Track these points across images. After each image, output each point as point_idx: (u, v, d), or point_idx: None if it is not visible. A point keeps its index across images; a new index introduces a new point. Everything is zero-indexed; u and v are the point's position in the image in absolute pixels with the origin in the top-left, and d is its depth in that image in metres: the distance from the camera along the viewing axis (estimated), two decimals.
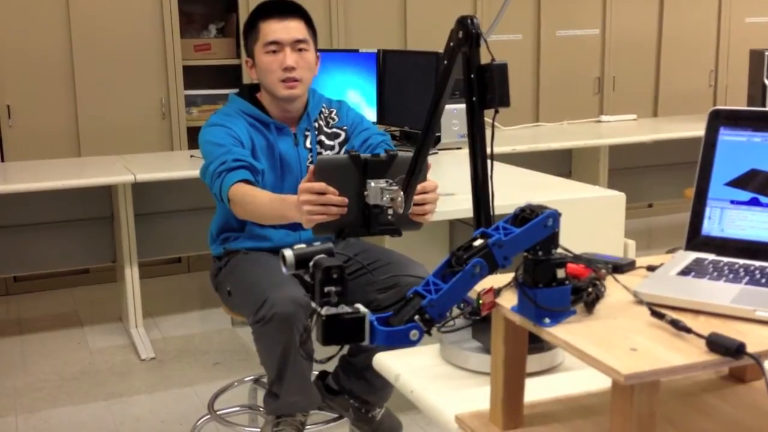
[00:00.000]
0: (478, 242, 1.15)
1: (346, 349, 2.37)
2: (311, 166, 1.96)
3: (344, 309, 1.15)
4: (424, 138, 1.68)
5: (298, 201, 1.94)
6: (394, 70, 3.81)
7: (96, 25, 4.32)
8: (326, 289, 1.16)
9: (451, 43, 1.54)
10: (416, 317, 1.15)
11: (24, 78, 4.23)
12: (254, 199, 2.18)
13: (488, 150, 1.50)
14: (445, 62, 1.57)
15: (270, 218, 2.22)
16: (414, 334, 1.16)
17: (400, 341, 1.16)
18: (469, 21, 1.51)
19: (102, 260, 4.12)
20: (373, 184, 1.86)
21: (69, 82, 4.31)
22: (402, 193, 1.78)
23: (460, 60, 1.54)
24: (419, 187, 1.89)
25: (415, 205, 1.91)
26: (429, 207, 2.01)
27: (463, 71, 1.53)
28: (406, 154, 1.86)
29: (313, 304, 1.17)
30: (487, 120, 1.55)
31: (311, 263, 1.20)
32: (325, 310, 1.14)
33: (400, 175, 1.81)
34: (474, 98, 1.51)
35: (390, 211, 1.86)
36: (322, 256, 1.22)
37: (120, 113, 4.42)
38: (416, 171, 1.73)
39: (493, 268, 1.14)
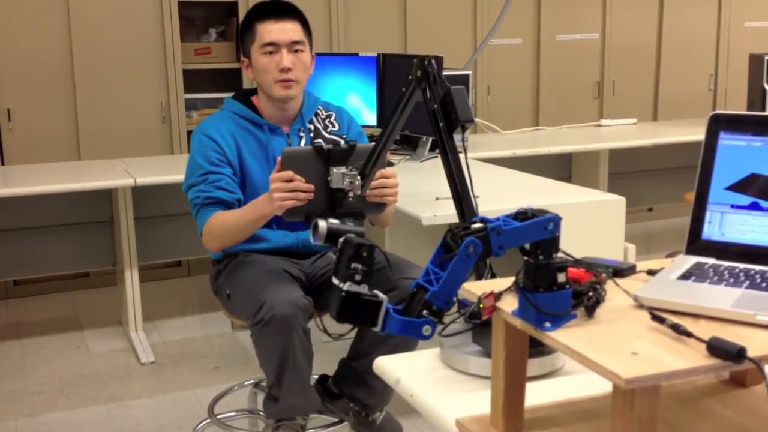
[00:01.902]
0: (477, 225, 1.16)
1: (347, 351, 2.38)
2: (279, 158, 2.12)
3: (365, 290, 1.15)
4: (385, 135, 1.91)
5: (269, 190, 2.10)
6: (394, 74, 3.81)
7: (96, 28, 4.32)
8: (353, 265, 1.16)
9: (410, 76, 1.76)
10: (425, 312, 1.16)
11: (24, 81, 4.23)
12: (225, 221, 2.28)
13: (465, 157, 1.69)
14: (403, 89, 1.79)
15: (248, 225, 2.27)
16: (426, 329, 1.18)
17: (413, 333, 1.17)
18: (426, 62, 1.74)
19: (102, 264, 4.12)
20: (335, 170, 2.09)
21: (69, 85, 4.31)
22: (359, 177, 2.01)
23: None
24: (379, 173, 2.12)
25: (375, 188, 2.13)
26: (389, 191, 2.17)
27: (425, 104, 1.74)
28: (366, 144, 2.14)
29: (335, 280, 1.17)
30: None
31: (342, 239, 1.21)
32: (347, 286, 1.14)
33: (360, 162, 2.04)
34: (441, 124, 1.72)
35: (351, 194, 2.07)
36: (354, 235, 1.23)
37: (120, 117, 4.42)
38: (375, 160, 1.97)
39: (486, 252, 1.15)
